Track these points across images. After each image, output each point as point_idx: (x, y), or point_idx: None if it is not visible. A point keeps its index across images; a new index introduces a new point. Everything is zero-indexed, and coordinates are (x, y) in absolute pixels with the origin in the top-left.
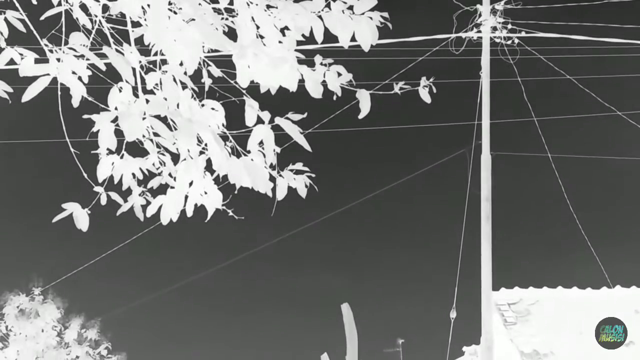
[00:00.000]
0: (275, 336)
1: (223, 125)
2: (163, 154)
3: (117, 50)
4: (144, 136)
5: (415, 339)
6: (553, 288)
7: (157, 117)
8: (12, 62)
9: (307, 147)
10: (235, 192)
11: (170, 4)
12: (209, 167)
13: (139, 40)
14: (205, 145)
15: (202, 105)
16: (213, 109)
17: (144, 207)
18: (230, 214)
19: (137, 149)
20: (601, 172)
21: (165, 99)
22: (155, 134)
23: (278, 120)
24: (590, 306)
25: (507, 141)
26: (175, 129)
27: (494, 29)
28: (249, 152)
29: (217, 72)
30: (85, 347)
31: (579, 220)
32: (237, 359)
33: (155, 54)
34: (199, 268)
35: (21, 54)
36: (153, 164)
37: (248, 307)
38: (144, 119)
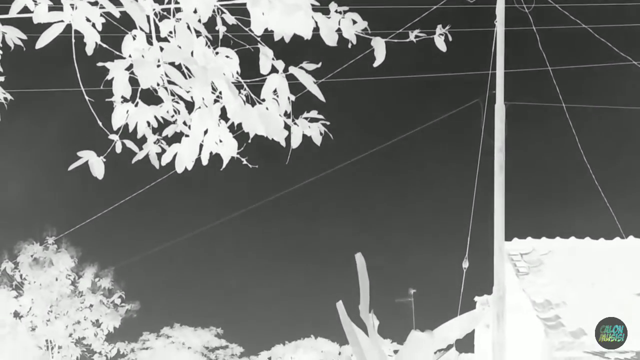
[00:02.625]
0: (290, 284)
1: (237, 73)
2: (177, 102)
3: None
4: (158, 84)
5: (427, 289)
6: (566, 238)
7: (172, 64)
8: (26, 9)
9: (321, 96)
10: (250, 140)
11: None
12: (223, 115)
13: None
14: (220, 93)
15: (217, 53)
16: (227, 57)
17: (159, 155)
18: (245, 162)
19: (151, 97)
20: (616, 122)
21: (180, 47)
22: (170, 82)
23: (292, 70)
24: (603, 256)
25: (522, 91)
26: (190, 77)
27: None
28: (263, 100)
29: (231, 19)
30: (98, 295)
31: (593, 170)
32: (250, 307)
33: (169, 2)
34: (212, 217)
35: (35, 1)
36: (168, 112)
37: (262, 255)
38: (158, 66)
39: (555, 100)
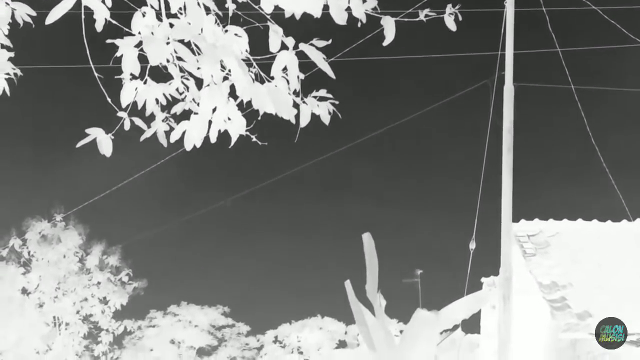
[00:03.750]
0: (297, 263)
1: (247, 51)
2: (187, 79)
3: None
4: (168, 61)
5: (434, 270)
6: (573, 220)
7: (181, 42)
8: None
9: (331, 74)
10: (259, 118)
11: None
12: (232, 92)
13: None
14: (229, 71)
15: (226, 31)
16: (236, 34)
17: (168, 133)
18: (254, 139)
19: (160, 75)
20: (625, 105)
21: (189, 24)
22: (179, 59)
23: (302, 47)
24: (610, 239)
25: (531, 72)
26: (199, 54)
27: None
28: (272, 78)
29: None
30: (106, 273)
31: (601, 152)
32: (257, 286)
33: None
34: (220, 195)
35: None
36: (177, 90)
37: (270, 234)
38: (168, 43)
39: (564, 81)
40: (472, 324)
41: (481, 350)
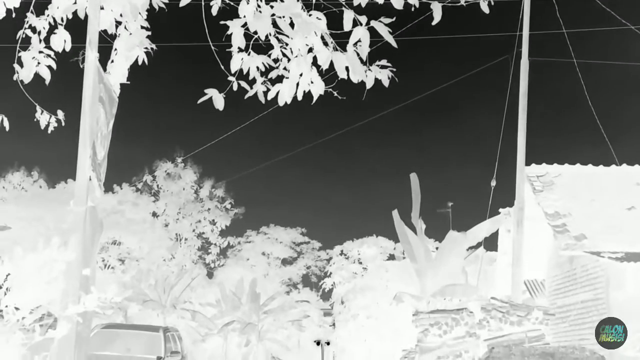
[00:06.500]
0: (359, 194)
1: (325, 30)
2: (284, 49)
3: None
4: (270, 34)
5: (462, 203)
6: (573, 165)
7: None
8: None
9: (394, 44)
10: (338, 79)
11: None
12: (314, 62)
13: None
14: (313, 45)
15: (310, 15)
16: (318, 18)
17: (265, 93)
18: (336, 95)
19: (259, 49)
20: (616, 76)
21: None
22: (279, 33)
23: (373, 23)
24: (601, 179)
25: (542, 49)
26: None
27: None
28: (345, 50)
29: None
30: (214, 202)
31: (596, 112)
32: (328, 213)
33: None
34: (303, 142)
35: None
36: (273, 60)
37: (338, 173)
38: (273, 20)
39: (568, 56)
40: (491, 244)
41: (498, 264)
